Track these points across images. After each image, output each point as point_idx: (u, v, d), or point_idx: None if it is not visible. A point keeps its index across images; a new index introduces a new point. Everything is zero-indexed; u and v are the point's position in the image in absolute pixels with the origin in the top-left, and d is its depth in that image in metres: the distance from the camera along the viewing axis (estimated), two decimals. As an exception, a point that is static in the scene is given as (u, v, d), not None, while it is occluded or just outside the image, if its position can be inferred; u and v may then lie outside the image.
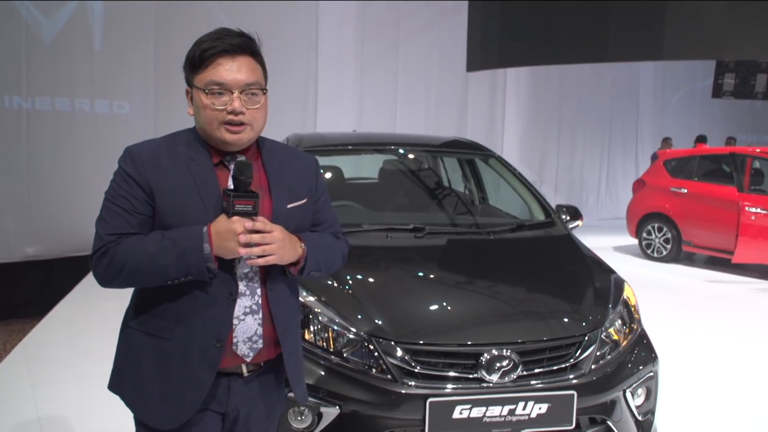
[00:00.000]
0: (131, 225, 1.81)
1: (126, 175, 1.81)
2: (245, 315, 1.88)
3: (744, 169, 8.49)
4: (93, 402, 4.02)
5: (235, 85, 1.80)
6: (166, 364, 1.85)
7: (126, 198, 1.80)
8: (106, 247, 1.80)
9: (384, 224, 3.86)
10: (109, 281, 1.83)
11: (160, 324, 1.85)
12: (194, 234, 1.76)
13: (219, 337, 1.84)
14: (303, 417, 2.81)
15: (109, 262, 1.79)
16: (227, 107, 1.80)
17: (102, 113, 8.35)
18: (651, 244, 9.57)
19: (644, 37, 8.37)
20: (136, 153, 1.84)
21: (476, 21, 10.30)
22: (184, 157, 1.85)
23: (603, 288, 3.31)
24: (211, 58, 1.80)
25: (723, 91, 15.06)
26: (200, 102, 1.82)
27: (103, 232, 1.82)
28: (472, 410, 2.73)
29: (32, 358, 4.91)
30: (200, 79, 1.81)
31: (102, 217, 1.84)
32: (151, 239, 1.78)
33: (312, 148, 4.50)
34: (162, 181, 1.81)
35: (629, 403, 3.01)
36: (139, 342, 1.89)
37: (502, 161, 4.70)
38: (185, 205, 1.81)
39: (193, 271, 1.76)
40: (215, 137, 1.84)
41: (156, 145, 1.88)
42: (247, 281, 1.88)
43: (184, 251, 1.75)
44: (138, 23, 8.51)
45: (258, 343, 1.91)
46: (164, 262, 1.75)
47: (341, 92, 10.77)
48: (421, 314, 3.07)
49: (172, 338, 1.84)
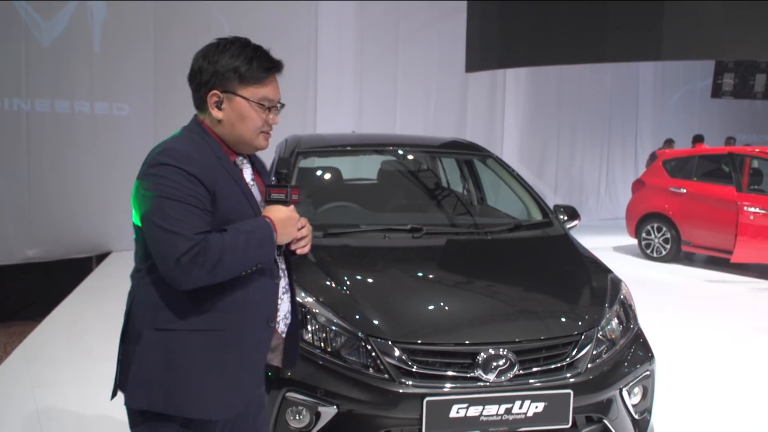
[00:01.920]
0: (207, 223, 1.84)
1: (188, 174, 1.82)
2: (283, 294, 2.10)
3: (743, 168, 8.50)
4: (93, 403, 4.03)
5: (278, 101, 2.01)
6: (221, 356, 1.90)
7: (195, 197, 1.82)
8: (198, 247, 1.78)
9: (382, 225, 3.87)
10: (201, 279, 1.81)
11: (212, 317, 1.89)
12: (264, 225, 1.91)
13: (270, 318, 2.01)
14: (301, 416, 2.82)
15: (204, 260, 1.78)
16: (268, 119, 1.98)
17: (102, 115, 8.37)
18: (650, 244, 9.58)
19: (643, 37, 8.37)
20: (189, 152, 1.87)
21: (475, 22, 10.30)
22: (213, 156, 1.93)
23: (599, 287, 3.32)
24: (269, 77, 1.97)
25: (722, 91, 15.07)
26: (248, 113, 1.94)
27: (189, 232, 1.78)
28: (468, 409, 2.74)
29: (33, 359, 4.92)
30: (253, 93, 1.94)
31: (173, 217, 1.78)
32: (231, 234, 1.85)
33: (311, 149, 4.52)
34: (216, 179, 1.88)
35: (626, 402, 3.02)
36: (184, 341, 1.88)
37: (500, 162, 4.71)
38: (237, 204, 1.93)
39: (266, 259, 1.94)
40: (251, 144, 1.99)
41: (189, 144, 1.92)
42: (280, 264, 2.09)
43: (262, 241, 1.89)
44: (138, 25, 8.53)
45: (288, 319, 2.13)
46: (249, 253, 1.86)
47: (340, 93, 10.79)
48: (418, 314, 3.08)
49: (227, 328, 1.91)
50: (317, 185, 4.79)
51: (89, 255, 8.42)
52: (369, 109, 11.08)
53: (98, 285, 7.20)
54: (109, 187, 8.17)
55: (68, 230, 8.16)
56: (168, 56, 8.59)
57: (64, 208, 8.12)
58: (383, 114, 11.19)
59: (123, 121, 8.53)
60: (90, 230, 8.26)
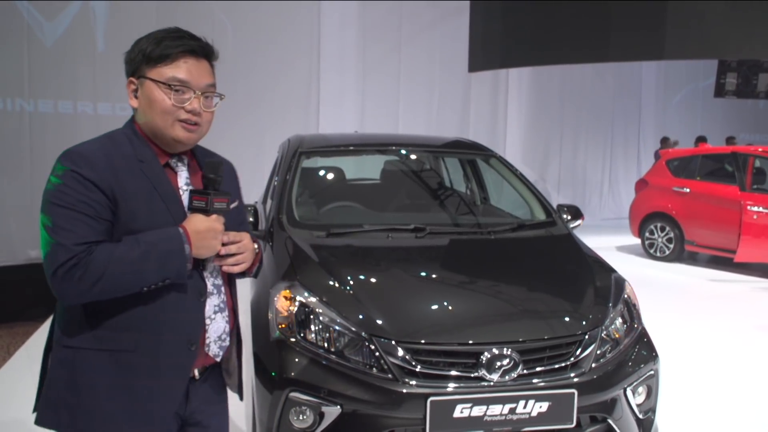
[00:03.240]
0: (98, 232, 1.67)
1: (83, 178, 1.67)
2: (215, 314, 1.86)
3: (746, 168, 8.49)
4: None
5: (198, 86, 1.80)
6: (129, 379, 1.74)
7: (88, 204, 1.66)
8: (77, 258, 1.62)
9: (385, 224, 3.87)
10: (80, 295, 1.65)
11: (119, 336, 1.73)
12: (173, 236, 1.71)
13: (191, 340, 1.80)
14: (305, 416, 2.81)
15: (82, 274, 1.62)
16: (186, 106, 1.78)
17: (105, 115, 8.37)
18: (654, 244, 9.57)
19: (646, 36, 8.36)
20: (90, 155, 1.72)
21: (478, 21, 10.30)
22: (133, 159, 1.77)
23: (603, 287, 3.32)
24: (176, 55, 1.78)
25: (725, 91, 15.05)
26: (155, 96, 1.77)
27: (69, 243, 1.62)
28: (472, 409, 2.74)
29: (36, 360, 4.87)
30: (160, 73, 1.77)
31: (59, 225, 1.64)
32: (126, 246, 1.67)
33: (314, 149, 4.52)
34: (122, 185, 1.71)
35: (630, 402, 3.01)
36: (88, 361, 1.73)
37: (503, 161, 4.70)
38: (149, 209, 1.74)
39: (173, 274, 1.71)
40: (166, 134, 1.80)
41: (102, 146, 1.77)
42: (212, 279, 1.87)
43: (166, 254, 1.69)
44: (140, 25, 8.41)
45: (226, 341, 1.90)
46: (145, 267, 1.67)
47: (343, 93, 10.78)
48: (421, 314, 3.07)
49: (136, 349, 1.73)
50: (320, 185, 4.79)
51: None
52: (371, 109, 11.08)
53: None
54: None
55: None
56: (170, 57, 8.59)
57: (66, 208, 8.13)
58: (386, 114, 11.19)
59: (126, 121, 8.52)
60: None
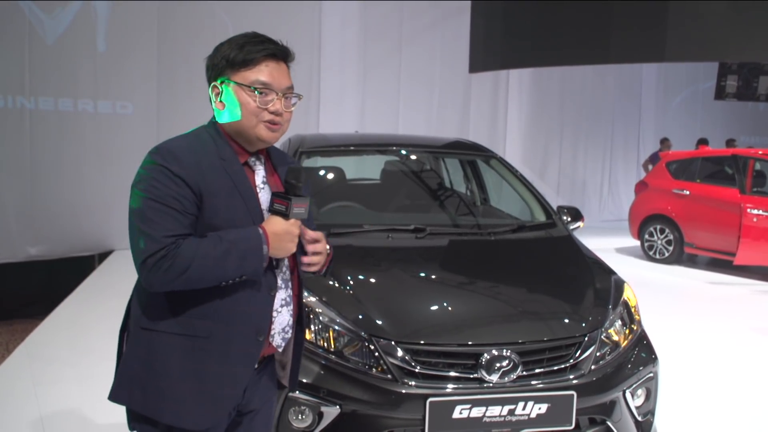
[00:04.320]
0: (184, 226, 1.77)
1: (172, 174, 1.77)
2: (282, 307, 1.97)
3: (746, 171, 8.49)
4: (95, 401, 4.03)
5: (279, 87, 1.88)
6: (201, 364, 1.83)
7: (176, 198, 1.76)
8: (166, 250, 1.72)
9: (385, 225, 3.87)
10: (166, 284, 1.75)
11: (195, 324, 1.83)
12: (253, 236, 1.80)
13: (260, 331, 1.89)
14: (304, 416, 2.81)
15: (170, 265, 1.72)
16: (269, 107, 1.87)
17: (105, 113, 8.38)
18: (653, 246, 9.57)
19: (647, 38, 8.38)
20: (179, 152, 1.81)
21: (479, 22, 10.31)
22: (216, 157, 1.86)
23: (603, 289, 3.32)
24: (259, 59, 1.87)
25: (726, 93, 15.05)
26: (241, 98, 1.86)
27: (159, 234, 1.73)
28: (472, 410, 2.74)
29: (35, 357, 4.93)
30: (244, 77, 1.85)
31: (148, 218, 1.74)
32: (210, 242, 1.77)
33: (314, 149, 4.52)
34: (207, 181, 1.80)
35: (629, 404, 3.01)
36: (165, 344, 1.83)
37: (503, 162, 4.70)
38: (230, 206, 1.83)
39: (249, 272, 1.80)
40: (251, 134, 1.88)
41: (189, 144, 1.86)
42: (282, 275, 1.96)
43: (245, 253, 1.78)
44: (141, 24, 8.53)
45: (289, 333, 2.01)
46: (226, 264, 1.76)
47: (344, 93, 10.80)
48: (421, 314, 3.08)
49: (210, 336, 1.83)
50: (320, 185, 4.79)
51: (91, 253, 8.44)
52: (372, 109, 11.09)
53: (100, 283, 7.20)
54: (112, 186, 8.17)
55: (71, 228, 8.17)
56: (171, 55, 8.60)
57: (66, 206, 8.13)
58: (386, 114, 11.20)
59: (126, 119, 8.53)
60: (92, 229, 8.27)
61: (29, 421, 3.86)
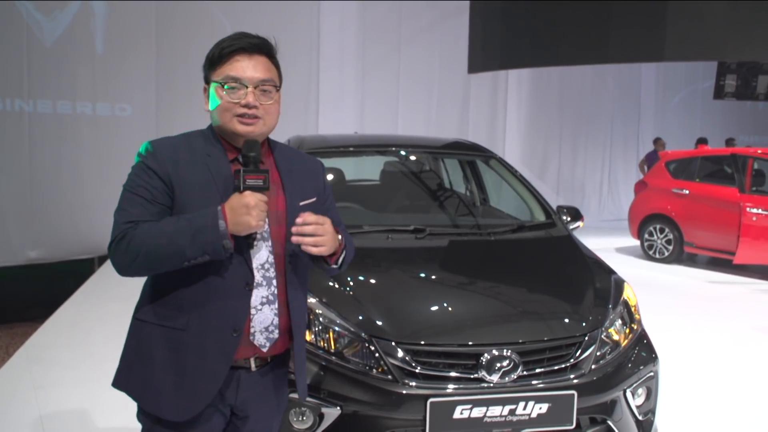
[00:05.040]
0: (150, 213, 1.83)
1: (146, 167, 1.86)
2: (262, 305, 1.94)
3: (745, 170, 8.49)
4: (95, 404, 4.03)
5: (251, 81, 1.89)
6: (180, 356, 1.87)
7: (145, 188, 1.84)
8: (123, 233, 1.80)
9: (385, 225, 3.86)
10: (127, 267, 1.82)
11: (173, 315, 1.87)
12: (209, 212, 1.81)
13: (235, 327, 1.89)
14: (304, 417, 2.81)
15: (126, 247, 1.79)
16: (241, 101, 1.89)
17: (103, 116, 8.38)
18: (653, 245, 9.57)
19: (646, 38, 8.38)
20: (157, 147, 1.89)
21: (478, 22, 10.31)
22: (201, 153, 1.92)
23: (603, 288, 3.31)
24: (229, 55, 1.90)
25: (724, 93, 15.07)
26: (215, 96, 1.90)
27: (122, 220, 1.83)
28: (472, 410, 2.73)
29: (35, 360, 4.92)
30: (218, 74, 1.90)
31: (121, 207, 1.86)
32: (166, 221, 1.82)
33: (313, 150, 4.50)
34: (181, 174, 1.86)
35: (629, 403, 3.01)
36: (150, 334, 1.90)
37: (502, 162, 4.70)
38: (204, 198, 1.86)
39: (209, 249, 1.79)
40: (228, 129, 1.91)
41: (174, 141, 1.94)
42: (263, 272, 1.94)
43: (200, 228, 1.79)
44: (140, 25, 8.53)
45: (274, 333, 1.97)
46: (181, 241, 1.78)
47: (343, 93, 10.79)
48: (421, 315, 3.07)
49: (186, 329, 1.87)
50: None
51: (91, 256, 8.43)
52: (371, 110, 11.09)
53: (100, 286, 7.20)
54: (111, 188, 8.05)
55: (70, 231, 8.16)
56: (170, 57, 8.60)
57: (65, 209, 8.12)
58: (385, 114, 11.20)
59: (125, 121, 8.53)
60: (92, 231, 8.25)
61: (29, 424, 3.85)
